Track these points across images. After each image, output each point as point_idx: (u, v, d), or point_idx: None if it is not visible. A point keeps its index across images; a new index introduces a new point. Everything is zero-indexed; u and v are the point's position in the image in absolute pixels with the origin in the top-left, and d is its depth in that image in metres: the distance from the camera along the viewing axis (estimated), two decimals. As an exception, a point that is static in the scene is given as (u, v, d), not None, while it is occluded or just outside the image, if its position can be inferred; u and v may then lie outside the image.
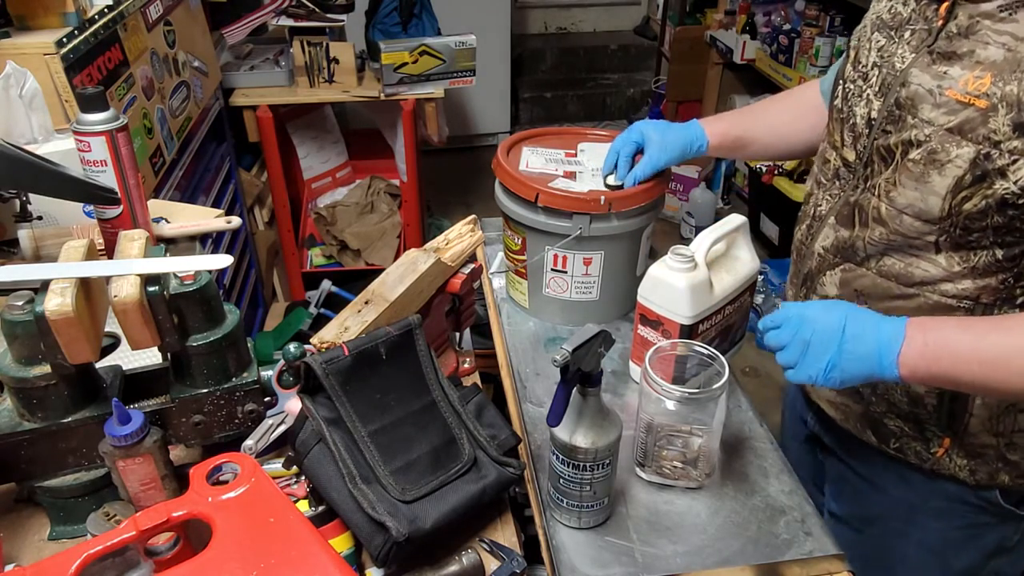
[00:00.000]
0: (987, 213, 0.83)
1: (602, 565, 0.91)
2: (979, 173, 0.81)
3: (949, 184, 0.84)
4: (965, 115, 0.81)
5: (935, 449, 1.01)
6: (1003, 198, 0.81)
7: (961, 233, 0.87)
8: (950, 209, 0.85)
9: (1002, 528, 1.06)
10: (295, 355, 0.99)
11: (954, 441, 1.00)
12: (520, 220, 1.25)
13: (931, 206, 0.87)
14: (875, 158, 0.93)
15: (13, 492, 0.97)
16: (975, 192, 0.83)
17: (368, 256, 2.87)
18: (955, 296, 0.91)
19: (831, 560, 0.93)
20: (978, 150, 0.81)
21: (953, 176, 0.83)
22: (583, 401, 0.88)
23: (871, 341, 0.83)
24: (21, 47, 1.45)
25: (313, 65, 2.58)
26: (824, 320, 0.86)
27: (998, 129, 0.79)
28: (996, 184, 0.81)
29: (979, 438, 0.98)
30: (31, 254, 1.21)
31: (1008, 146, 0.79)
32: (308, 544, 0.73)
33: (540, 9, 5.04)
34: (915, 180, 0.87)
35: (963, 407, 0.97)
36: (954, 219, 0.86)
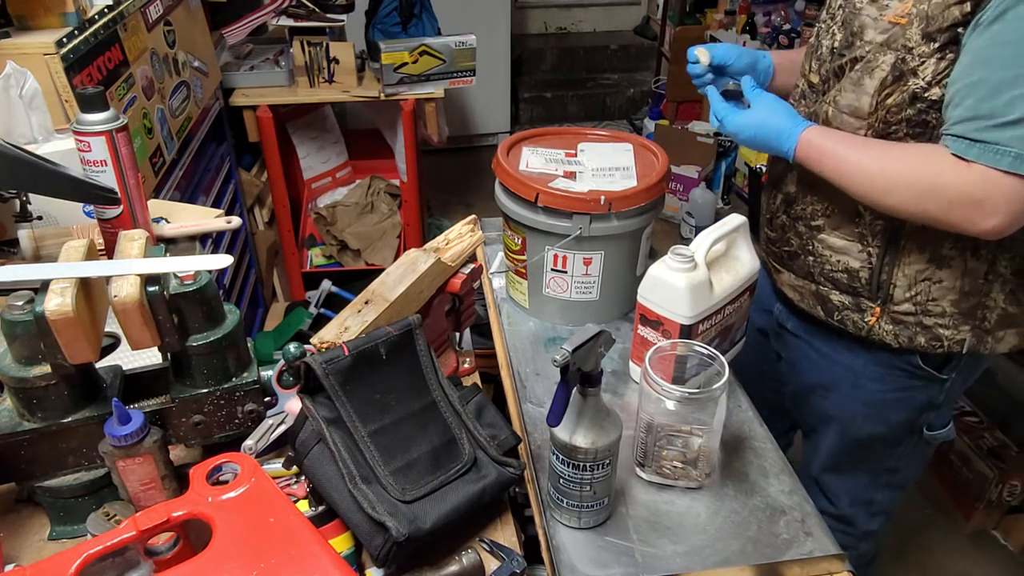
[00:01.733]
0: (903, 107, 1.05)
1: (602, 565, 0.91)
2: (898, 74, 1.04)
3: (876, 85, 1.06)
4: (892, 32, 1.04)
5: (868, 318, 1.21)
6: (914, 92, 1.03)
7: (883, 126, 1.08)
8: (877, 105, 1.07)
9: (929, 390, 1.27)
10: (295, 355, 0.99)
11: (882, 310, 1.20)
12: (520, 220, 1.25)
13: (863, 104, 1.09)
14: (831, 77, 1.15)
15: (13, 492, 0.97)
16: (895, 89, 1.05)
17: (368, 256, 2.87)
18: None
19: (831, 560, 0.93)
20: (897, 55, 1.03)
21: (879, 78, 1.06)
22: (583, 401, 0.88)
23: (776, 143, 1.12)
24: (21, 47, 1.45)
25: (313, 65, 2.58)
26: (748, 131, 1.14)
27: (912, 38, 1.01)
28: (910, 81, 1.03)
29: (901, 306, 1.18)
30: (31, 254, 1.21)
31: (918, 51, 1.01)
32: (308, 544, 0.73)
33: (540, 9, 5.04)
34: (853, 85, 1.10)
35: (889, 279, 1.17)
36: (879, 114, 1.08)
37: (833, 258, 1.21)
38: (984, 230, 0.98)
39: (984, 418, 2.26)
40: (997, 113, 0.93)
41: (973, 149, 0.95)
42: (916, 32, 1.00)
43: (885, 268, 1.16)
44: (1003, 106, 0.92)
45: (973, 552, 2.18)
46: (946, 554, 2.17)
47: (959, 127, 0.97)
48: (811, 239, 1.23)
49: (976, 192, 0.96)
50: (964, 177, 0.96)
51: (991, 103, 0.93)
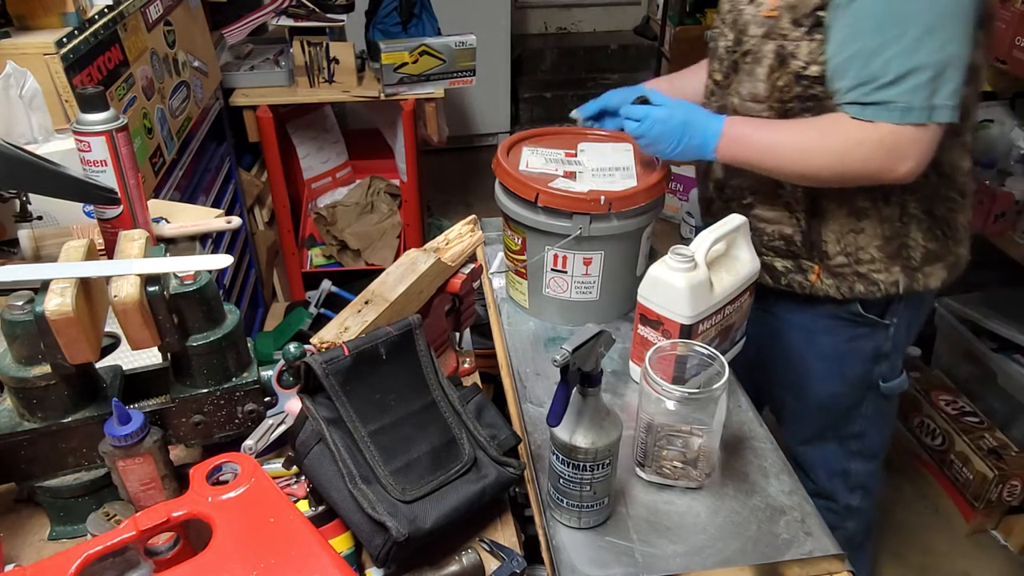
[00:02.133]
0: (791, 86, 1.18)
1: (602, 565, 0.91)
2: (780, 59, 1.18)
3: (766, 71, 1.20)
4: (768, 24, 1.18)
5: (810, 277, 1.33)
6: (797, 72, 1.17)
7: (780, 105, 1.21)
8: (771, 88, 1.21)
9: (875, 337, 1.37)
10: (295, 355, 0.99)
11: (821, 266, 1.32)
12: (520, 220, 1.25)
13: (759, 89, 1.22)
14: (731, 72, 1.28)
15: (13, 492, 0.97)
16: (782, 73, 1.19)
17: (368, 256, 2.87)
18: None
19: (831, 560, 0.93)
20: (776, 43, 1.17)
21: (767, 65, 1.20)
22: (583, 401, 0.88)
23: (699, 138, 1.19)
24: (21, 47, 1.45)
25: (313, 65, 2.58)
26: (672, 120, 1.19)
27: (784, 27, 1.15)
28: (791, 64, 1.17)
29: (835, 260, 1.30)
30: (31, 254, 1.21)
31: (792, 36, 1.15)
32: (308, 544, 0.73)
33: (540, 9, 5.04)
34: (748, 75, 1.24)
35: (819, 237, 1.29)
36: (774, 95, 1.21)
37: (768, 229, 1.33)
38: (902, 174, 1.11)
39: (984, 418, 2.26)
40: (878, 76, 1.07)
41: (868, 110, 1.09)
42: (787, 21, 1.15)
43: (814, 229, 1.29)
44: (880, 69, 1.06)
45: (973, 552, 2.18)
46: (946, 554, 2.17)
47: (851, 95, 1.10)
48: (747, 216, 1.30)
49: (887, 143, 1.09)
50: (872, 134, 1.09)
51: (870, 69, 1.07)
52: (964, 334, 2.36)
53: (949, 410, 2.30)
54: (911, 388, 2.39)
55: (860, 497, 1.58)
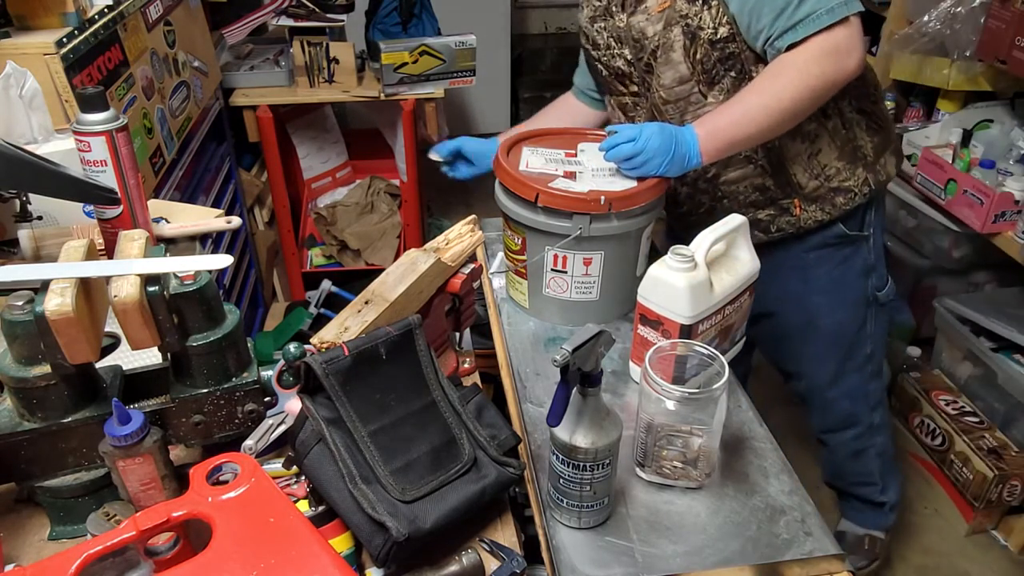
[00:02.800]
0: (709, 54, 1.30)
1: (602, 565, 0.91)
2: (691, 36, 1.29)
3: (681, 53, 1.31)
4: (665, 16, 1.30)
5: (795, 211, 1.44)
6: (710, 40, 1.28)
7: (705, 76, 1.32)
8: (692, 64, 1.32)
9: (860, 252, 1.50)
10: (295, 355, 0.99)
11: (800, 198, 1.43)
12: (520, 220, 1.25)
13: (682, 70, 1.33)
14: (645, 78, 1.39)
15: (13, 492, 0.97)
16: (696, 46, 1.30)
17: (368, 256, 2.87)
18: None
19: (831, 560, 0.93)
20: (681, 23, 1.29)
21: (681, 46, 1.31)
22: (583, 401, 0.88)
23: (685, 147, 1.23)
24: (21, 47, 1.45)
25: (313, 65, 2.58)
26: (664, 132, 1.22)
27: (680, 8, 1.28)
28: (700, 35, 1.28)
29: (810, 186, 1.41)
30: (31, 254, 1.22)
31: (691, 12, 1.28)
32: (308, 544, 0.73)
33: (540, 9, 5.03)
34: (665, 64, 1.34)
35: (789, 173, 1.40)
36: (697, 68, 1.32)
37: (742, 188, 1.43)
38: (855, 68, 1.21)
39: (984, 418, 2.26)
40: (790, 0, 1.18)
41: (798, 31, 1.19)
42: (682, 3, 1.27)
43: (780, 169, 1.40)
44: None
45: (973, 552, 2.18)
46: (946, 554, 2.17)
47: (776, 27, 1.21)
48: (715, 187, 1.45)
49: (828, 48, 1.19)
50: (811, 50, 1.20)
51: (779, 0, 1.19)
52: (964, 334, 2.35)
53: (949, 410, 2.30)
54: (911, 388, 2.39)
55: (881, 413, 1.71)
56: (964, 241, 2.41)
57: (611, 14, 1.41)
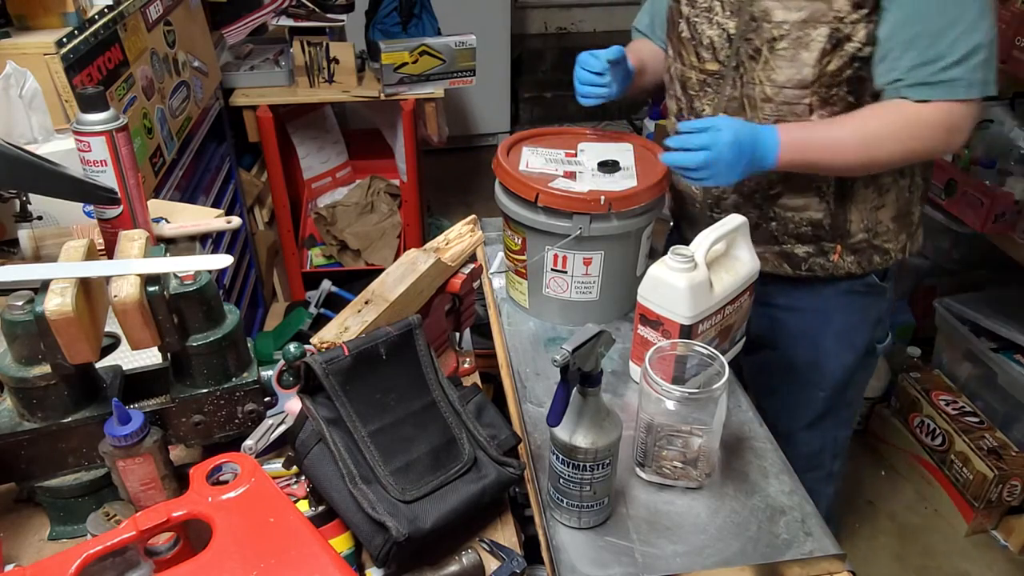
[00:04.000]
0: (843, 69, 1.17)
1: (602, 565, 0.91)
2: (835, 42, 1.15)
3: (816, 56, 1.17)
4: (813, 8, 1.14)
5: (832, 257, 1.35)
6: (852, 55, 1.16)
7: (826, 90, 1.20)
8: (819, 73, 1.18)
9: (878, 304, 1.44)
10: (295, 355, 0.99)
11: (843, 246, 1.34)
12: (520, 220, 1.25)
13: (805, 75, 1.19)
14: (744, 59, 1.24)
15: (13, 492, 0.97)
16: (834, 56, 1.16)
17: (368, 256, 2.87)
18: None
19: (831, 560, 0.93)
20: (831, 26, 1.14)
21: (818, 49, 1.17)
22: (583, 401, 0.88)
23: (760, 152, 1.17)
24: (21, 47, 1.45)
25: (313, 65, 2.58)
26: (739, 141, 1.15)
27: (841, 9, 1.13)
28: (846, 46, 1.15)
29: (856, 236, 1.34)
30: (31, 254, 1.21)
31: (849, 19, 1.13)
32: (308, 544, 0.73)
33: (540, 9, 5.03)
34: (789, 61, 1.19)
35: (846, 217, 1.32)
36: (822, 80, 1.19)
37: (796, 217, 1.33)
38: (956, 148, 1.21)
39: (984, 418, 2.26)
40: (944, 55, 1.10)
41: (936, 90, 1.12)
42: (845, 4, 1.13)
43: (841, 210, 1.31)
44: (947, 48, 1.10)
45: (973, 552, 2.18)
46: (946, 554, 2.17)
47: (913, 75, 1.13)
48: (770, 207, 1.33)
49: (948, 121, 1.14)
50: (934, 115, 1.14)
51: (936, 49, 1.10)
52: (964, 334, 2.36)
53: (949, 410, 2.30)
54: (911, 388, 2.39)
55: (840, 463, 1.65)
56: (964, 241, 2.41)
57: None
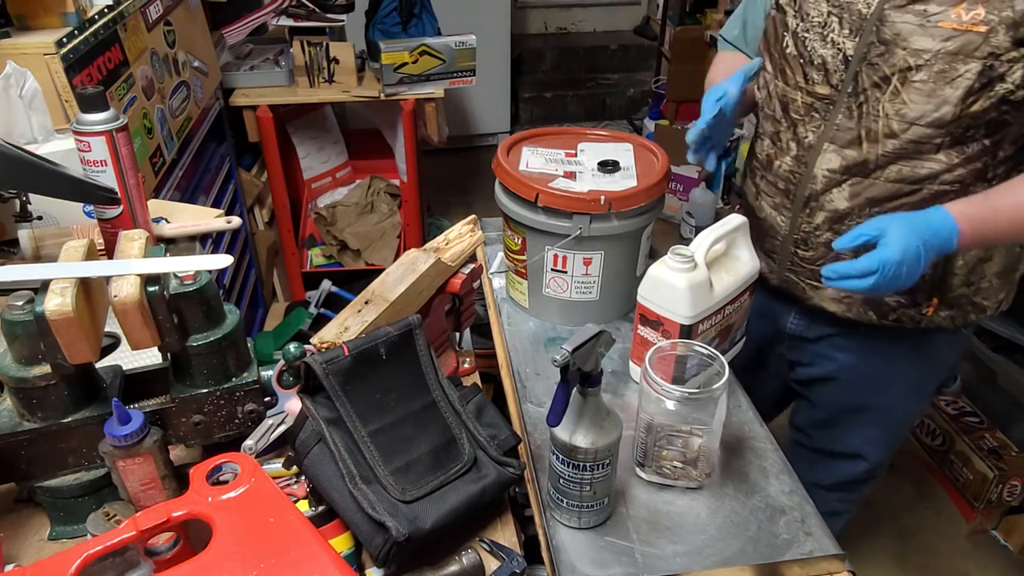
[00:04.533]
0: (987, 111, 1.04)
1: (602, 565, 0.91)
2: (985, 80, 1.02)
3: (961, 94, 1.03)
4: (965, 39, 1.01)
5: (925, 310, 1.23)
6: (1003, 96, 1.03)
7: (962, 131, 1.07)
8: (960, 113, 1.05)
9: (953, 353, 1.37)
10: (295, 355, 0.99)
11: (940, 299, 1.23)
12: (520, 220, 1.25)
13: (944, 113, 1.05)
14: (866, 86, 1.10)
15: (13, 492, 0.97)
16: (981, 95, 1.03)
17: (368, 256, 2.87)
18: (950, 183, 1.11)
19: (831, 560, 0.93)
20: (984, 63, 1.01)
21: (964, 87, 1.03)
22: (583, 401, 0.88)
23: (936, 246, 1.04)
24: (21, 47, 1.45)
25: (313, 65, 2.58)
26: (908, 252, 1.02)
27: (999, 45, 1.00)
28: (997, 87, 1.02)
29: (958, 290, 1.22)
30: (31, 254, 1.21)
31: (1007, 56, 1.00)
32: (308, 544, 0.73)
33: (540, 9, 5.04)
34: (926, 96, 1.05)
35: (950, 267, 1.20)
36: (960, 120, 1.05)
37: None
38: None
39: (984, 418, 2.26)
40: None
41: None
42: (1005, 39, 0.99)
43: (947, 264, 1.19)
44: None
45: (973, 552, 2.18)
46: (946, 554, 2.17)
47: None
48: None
49: None
50: None
51: None
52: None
53: (949, 410, 2.30)
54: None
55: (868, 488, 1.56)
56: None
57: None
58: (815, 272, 1.25)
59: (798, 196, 1.23)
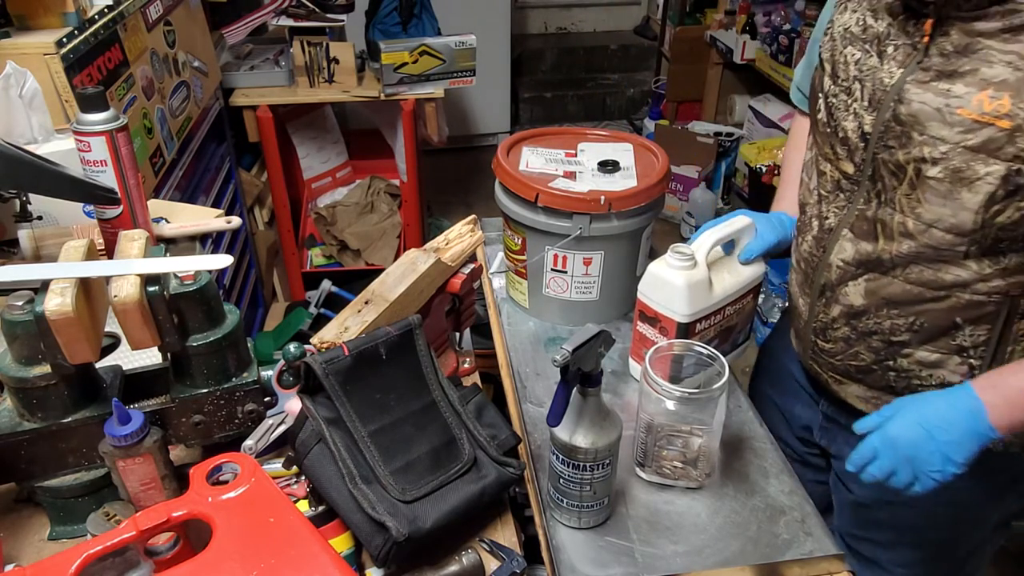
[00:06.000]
0: (1020, 223, 0.86)
1: (602, 565, 0.91)
2: (1012, 188, 0.84)
3: (981, 200, 0.86)
4: (987, 134, 0.83)
5: None
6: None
7: (992, 242, 0.89)
8: (983, 223, 0.87)
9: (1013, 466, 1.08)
10: (295, 355, 0.99)
11: None
12: (520, 220, 1.25)
13: (963, 220, 0.88)
14: (883, 173, 0.94)
15: (13, 492, 0.97)
16: (1008, 205, 0.85)
17: (368, 256, 2.87)
18: (987, 293, 0.94)
19: (831, 560, 0.93)
20: (1009, 167, 0.83)
21: (985, 193, 0.85)
22: (583, 401, 0.88)
23: (960, 424, 0.89)
24: (21, 47, 1.45)
25: (313, 65, 2.58)
26: (908, 433, 0.91)
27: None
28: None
29: None
30: (31, 254, 1.21)
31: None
32: (308, 544, 0.73)
33: (540, 9, 5.04)
34: (942, 197, 0.89)
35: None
36: (986, 231, 0.88)
37: (923, 372, 1.01)
38: None
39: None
40: None
41: None
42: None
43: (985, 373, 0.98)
44: None
45: (973, 552, 2.18)
46: (946, 554, 2.17)
47: None
48: (892, 355, 1.02)
49: None
50: None
51: None
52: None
53: None
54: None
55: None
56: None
57: (879, 52, 0.93)
58: (840, 367, 1.09)
59: (815, 283, 1.08)
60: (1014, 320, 0.95)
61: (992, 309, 0.94)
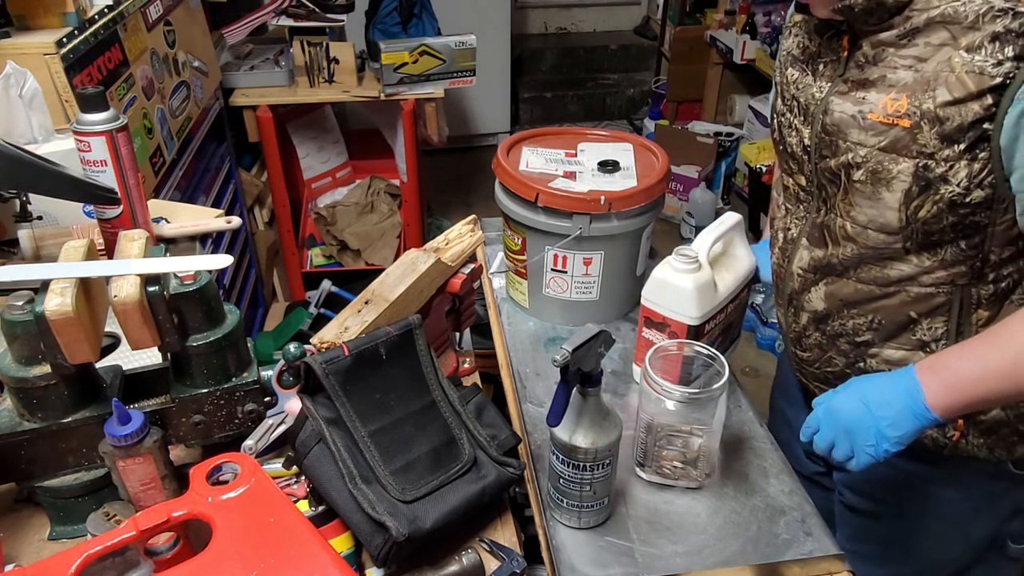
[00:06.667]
0: (941, 216, 0.90)
1: (602, 565, 0.91)
2: (923, 183, 0.89)
3: (899, 198, 0.91)
4: (893, 134, 0.89)
5: (951, 433, 1.04)
6: (951, 200, 0.88)
7: (923, 236, 0.93)
8: (907, 219, 0.92)
9: (1016, 492, 1.08)
10: (295, 355, 0.99)
11: (967, 423, 1.02)
12: (520, 220, 1.25)
13: (889, 219, 0.93)
14: (824, 181, 1.00)
15: (13, 492, 0.97)
16: (925, 200, 0.90)
17: (368, 256, 2.87)
18: (932, 285, 0.97)
19: (831, 560, 0.93)
20: (916, 163, 0.88)
21: (901, 190, 0.91)
22: (583, 401, 0.88)
23: (896, 403, 0.89)
24: (21, 47, 1.45)
25: (313, 65, 2.58)
26: (848, 407, 0.92)
27: (927, 143, 0.87)
28: (942, 190, 0.88)
29: (992, 416, 1.01)
30: (31, 254, 1.21)
31: (941, 155, 0.87)
32: (308, 544, 0.73)
33: (540, 9, 5.04)
34: (868, 198, 0.94)
35: None
36: (913, 226, 0.92)
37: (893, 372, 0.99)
38: None
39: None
40: None
41: None
42: (931, 136, 0.86)
43: None
44: None
45: (973, 552, 2.17)
46: (946, 554, 2.16)
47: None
48: (861, 356, 1.05)
49: None
50: None
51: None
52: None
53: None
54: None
55: None
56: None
57: (812, 70, 0.99)
58: (819, 375, 1.13)
59: (784, 293, 1.13)
60: (970, 310, 0.97)
61: (943, 300, 0.97)
